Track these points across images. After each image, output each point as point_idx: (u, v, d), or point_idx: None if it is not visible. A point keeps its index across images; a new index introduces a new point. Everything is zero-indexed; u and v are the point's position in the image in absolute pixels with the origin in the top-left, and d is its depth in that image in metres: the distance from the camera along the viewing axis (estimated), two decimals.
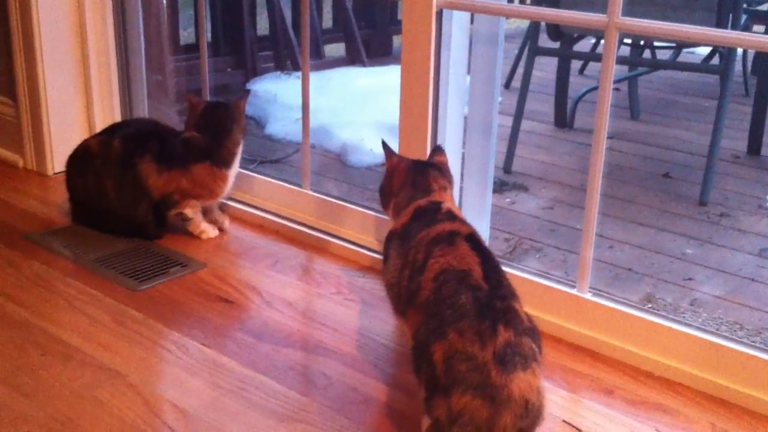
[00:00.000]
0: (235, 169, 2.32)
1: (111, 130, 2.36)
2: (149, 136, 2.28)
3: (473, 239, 1.58)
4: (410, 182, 1.79)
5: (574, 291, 1.86)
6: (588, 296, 1.84)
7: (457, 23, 2.01)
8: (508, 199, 2.95)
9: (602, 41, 3.92)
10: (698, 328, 1.76)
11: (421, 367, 1.43)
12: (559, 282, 1.92)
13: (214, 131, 2.25)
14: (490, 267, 1.51)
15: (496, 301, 1.43)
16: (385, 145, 1.86)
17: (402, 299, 1.61)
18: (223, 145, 2.26)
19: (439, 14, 1.96)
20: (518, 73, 4.12)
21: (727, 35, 1.95)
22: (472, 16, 2.04)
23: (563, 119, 3.77)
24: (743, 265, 2.49)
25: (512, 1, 6.00)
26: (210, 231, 2.33)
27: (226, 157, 2.27)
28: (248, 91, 2.45)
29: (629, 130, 3.72)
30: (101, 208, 2.30)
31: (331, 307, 1.98)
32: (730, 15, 2.92)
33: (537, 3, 3.40)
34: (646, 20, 1.71)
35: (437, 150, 1.90)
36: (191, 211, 2.28)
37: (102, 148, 2.29)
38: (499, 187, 3.00)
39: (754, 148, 3.44)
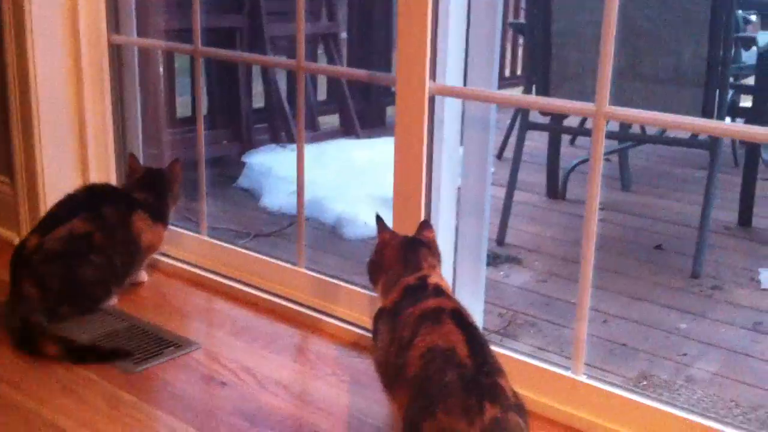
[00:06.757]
0: None
1: (69, 212, 2.32)
2: (124, 195, 2.47)
3: (458, 315, 1.60)
4: (401, 259, 1.82)
5: (569, 373, 1.86)
6: (583, 378, 1.84)
7: (450, 107, 2.05)
8: (501, 273, 2.96)
9: None
10: (693, 411, 1.76)
11: None
12: (553, 363, 1.92)
13: (161, 196, 2.51)
14: (475, 343, 1.53)
15: (481, 377, 1.45)
16: (379, 219, 1.89)
17: (390, 376, 1.63)
18: (170, 208, 2.55)
19: (432, 100, 2.00)
20: (510, 143, 4.19)
21: (713, 125, 2.00)
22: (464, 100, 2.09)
23: (555, 190, 3.81)
24: (737, 339, 2.50)
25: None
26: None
27: (168, 217, 2.55)
28: (178, 159, 2.61)
29: (620, 202, 3.76)
30: (107, 283, 2.33)
31: (326, 390, 1.98)
32: (718, 90, 2.98)
33: (528, 86, 3.46)
34: (633, 109, 1.75)
35: (424, 225, 1.92)
36: None
37: (92, 223, 2.30)
38: (493, 259, 3.02)
39: (744, 219, 3.47)
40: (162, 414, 1.85)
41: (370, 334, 2.13)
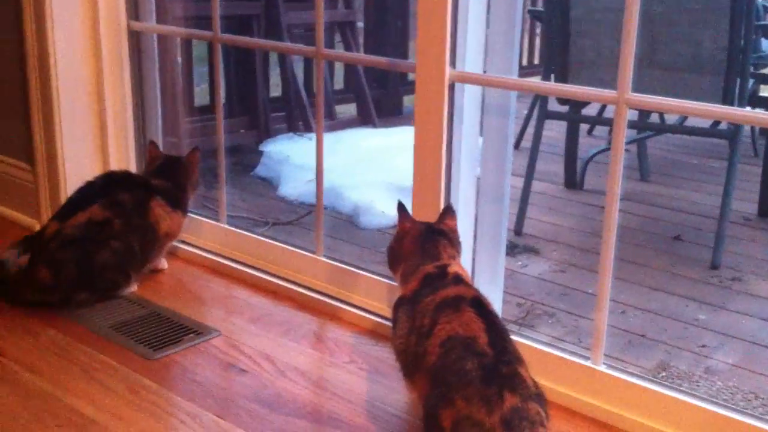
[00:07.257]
0: None
1: (88, 199, 2.33)
2: (143, 183, 2.46)
3: (478, 303, 1.60)
4: (419, 249, 1.81)
5: (588, 363, 1.85)
6: (602, 368, 1.84)
7: (469, 94, 2.04)
8: (519, 263, 2.96)
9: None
10: (712, 402, 1.75)
11: None
12: (572, 353, 1.92)
13: (180, 183, 2.51)
14: (495, 332, 1.53)
15: (501, 366, 1.46)
16: (401, 207, 1.88)
17: (409, 364, 1.63)
18: (189, 196, 2.55)
19: (452, 87, 1.99)
20: (528, 132, 4.17)
21: (736, 112, 1.98)
22: (483, 88, 2.08)
23: (573, 180, 3.79)
24: (757, 331, 2.48)
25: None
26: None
27: (186, 204, 2.55)
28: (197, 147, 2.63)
29: (639, 192, 3.74)
30: (126, 270, 2.34)
31: (345, 377, 1.98)
32: (738, 79, 2.96)
33: (546, 74, 3.44)
34: (654, 96, 1.74)
35: (448, 211, 1.91)
36: None
37: (110, 210, 2.31)
38: (511, 249, 3.01)
39: (764, 210, 3.45)
40: (182, 400, 1.86)
41: (387, 322, 2.14)
